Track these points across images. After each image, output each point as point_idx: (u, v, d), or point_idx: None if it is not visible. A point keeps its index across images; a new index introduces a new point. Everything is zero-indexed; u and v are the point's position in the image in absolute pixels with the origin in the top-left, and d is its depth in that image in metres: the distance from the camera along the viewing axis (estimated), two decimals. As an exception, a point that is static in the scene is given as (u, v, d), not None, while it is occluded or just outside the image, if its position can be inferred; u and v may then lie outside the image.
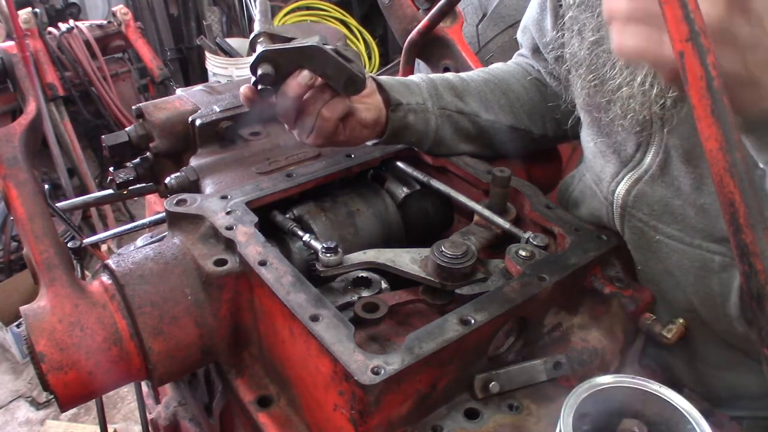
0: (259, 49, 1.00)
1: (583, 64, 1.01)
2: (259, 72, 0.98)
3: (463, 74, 1.32)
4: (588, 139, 1.16)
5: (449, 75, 1.30)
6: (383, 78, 1.19)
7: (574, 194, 1.22)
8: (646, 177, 1.01)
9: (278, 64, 0.99)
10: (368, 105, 1.12)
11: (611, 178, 1.07)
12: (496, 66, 1.40)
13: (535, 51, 1.32)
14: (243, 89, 1.04)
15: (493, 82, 1.30)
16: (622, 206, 1.05)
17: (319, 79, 1.02)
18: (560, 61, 1.17)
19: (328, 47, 0.99)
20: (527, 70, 1.38)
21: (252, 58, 1.00)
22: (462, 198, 1.12)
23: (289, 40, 1.03)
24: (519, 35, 1.40)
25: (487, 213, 1.07)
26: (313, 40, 1.00)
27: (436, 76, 1.28)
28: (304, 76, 1.00)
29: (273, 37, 1.03)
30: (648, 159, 1.01)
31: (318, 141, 1.08)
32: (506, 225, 1.05)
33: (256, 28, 1.05)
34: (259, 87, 1.00)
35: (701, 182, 0.94)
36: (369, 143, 1.21)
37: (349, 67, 1.00)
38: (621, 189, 1.05)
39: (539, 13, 1.23)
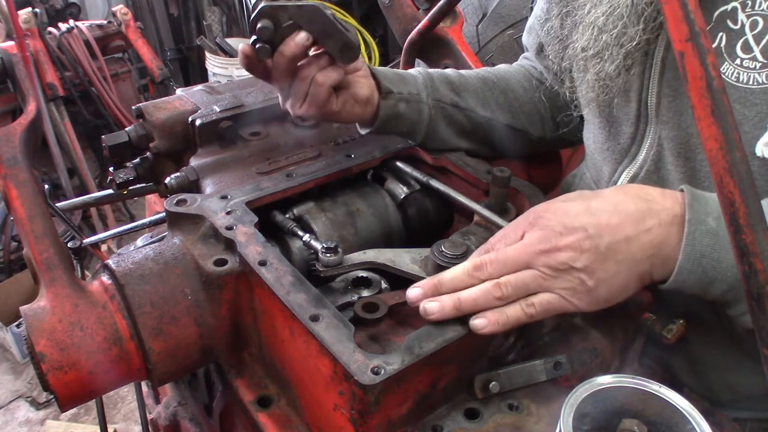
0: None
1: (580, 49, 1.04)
2: (259, 26, 1.00)
3: (462, 71, 1.32)
4: (588, 135, 1.16)
5: (448, 71, 1.30)
6: (377, 68, 1.20)
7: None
8: (642, 174, 1.02)
9: (277, 20, 1.00)
10: (362, 83, 1.13)
11: (609, 177, 1.07)
12: (498, 66, 1.40)
13: (540, 51, 1.33)
14: (242, 47, 1.05)
15: (492, 80, 1.31)
16: None
17: (316, 48, 1.03)
18: (563, 56, 1.18)
19: (327, 11, 1.01)
20: (530, 72, 1.38)
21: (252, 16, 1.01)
22: (462, 198, 1.12)
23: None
24: (525, 36, 1.40)
25: (486, 213, 1.06)
26: (312, 2, 1.02)
27: (435, 70, 1.28)
28: (301, 36, 1.01)
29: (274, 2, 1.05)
30: (643, 153, 1.01)
31: (311, 110, 1.09)
32: (502, 224, 1.04)
33: None
34: (257, 46, 1.01)
35: (693, 176, 0.94)
36: (362, 132, 1.21)
37: (346, 33, 1.02)
38: None
39: (545, 11, 1.24)
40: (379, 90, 1.17)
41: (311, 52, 1.05)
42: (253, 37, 1.02)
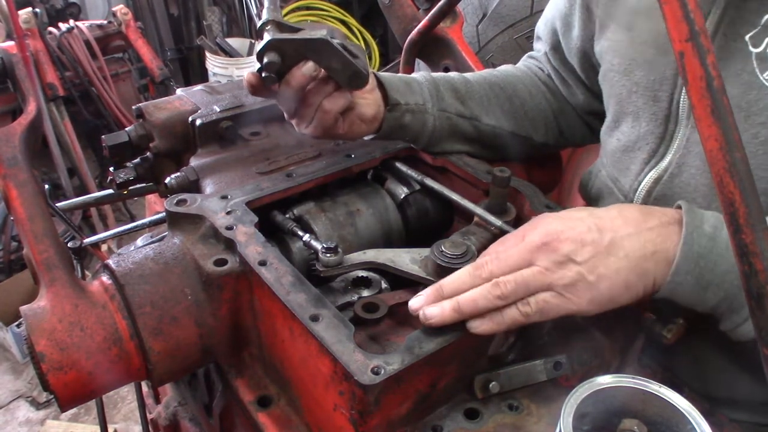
0: (267, 37, 1.00)
1: (618, 51, 1.05)
2: (265, 60, 0.99)
3: (469, 75, 1.30)
4: (610, 134, 1.15)
5: (454, 75, 1.28)
6: (385, 75, 1.19)
7: (593, 190, 1.22)
8: (666, 176, 1.02)
9: (284, 54, 1.00)
10: (369, 101, 1.12)
11: (635, 177, 1.07)
12: (505, 69, 1.38)
13: (554, 48, 1.31)
14: (247, 75, 1.05)
15: (498, 85, 1.29)
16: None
17: (323, 71, 1.02)
18: (585, 57, 1.19)
19: (335, 41, 1.00)
20: (536, 75, 1.36)
21: (259, 47, 1.00)
22: (460, 199, 1.12)
23: (297, 30, 1.03)
24: (540, 30, 1.37)
25: (485, 215, 1.06)
26: (320, 33, 1.01)
27: (440, 76, 1.27)
28: (308, 67, 1.00)
29: (281, 26, 1.03)
30: (669, 155, 1.01)
31: (316, 132, 1.09)
32: (501, 224, 1.04)
33: (265, 15, 1.05)
34: (264, 74, 1.01)
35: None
36: (365, 137, 1.21)
37: (354, 63, 1.01)
38: (642, 189, 1.05)
39: (568, 7, 1.23)
40: (385, 100, 1.16)
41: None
42: (258, 65, 1.01)
